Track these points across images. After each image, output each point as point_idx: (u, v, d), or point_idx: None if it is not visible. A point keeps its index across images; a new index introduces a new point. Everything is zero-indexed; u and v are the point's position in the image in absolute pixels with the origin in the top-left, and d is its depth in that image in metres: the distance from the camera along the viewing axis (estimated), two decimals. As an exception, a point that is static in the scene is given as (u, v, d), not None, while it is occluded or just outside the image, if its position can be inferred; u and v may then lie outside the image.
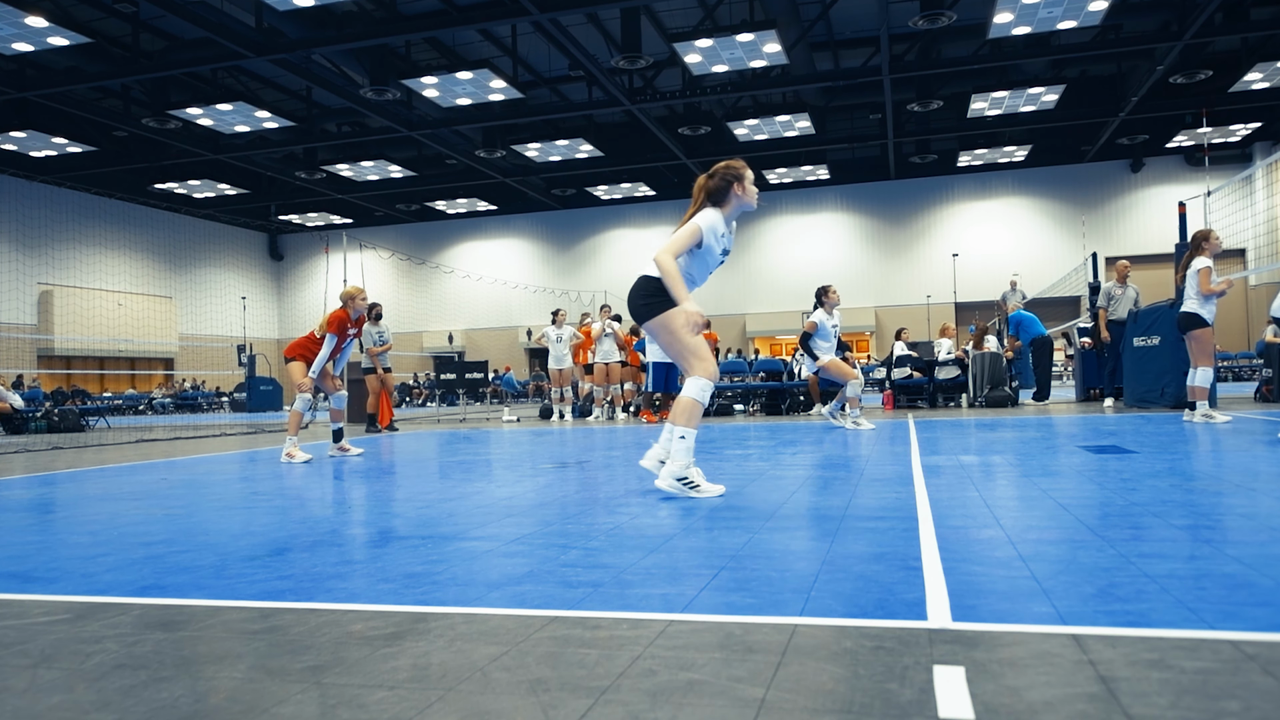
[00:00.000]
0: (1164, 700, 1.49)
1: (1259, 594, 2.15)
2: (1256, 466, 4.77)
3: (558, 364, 14.08)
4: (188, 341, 32.35)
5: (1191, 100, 22.08)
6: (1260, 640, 1.79)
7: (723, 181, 4.40)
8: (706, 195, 4.42)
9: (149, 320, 30.52)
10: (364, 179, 27.99)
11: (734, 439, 8.48)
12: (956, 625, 1.95)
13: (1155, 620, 1.95)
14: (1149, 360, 11.09)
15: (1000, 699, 1.51)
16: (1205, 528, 3.04)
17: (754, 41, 16.89)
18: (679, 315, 4.23)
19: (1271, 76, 20.46)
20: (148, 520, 4.10)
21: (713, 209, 4.39)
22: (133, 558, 3.15)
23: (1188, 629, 1.88)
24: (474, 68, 18.48)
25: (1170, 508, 3.47)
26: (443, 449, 8.53)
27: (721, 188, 4.40)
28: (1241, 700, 1.48)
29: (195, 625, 2.21)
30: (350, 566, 2.88)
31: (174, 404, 29.03)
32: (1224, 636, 1.82)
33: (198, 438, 11.98)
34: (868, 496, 4.08)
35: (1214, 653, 1.73)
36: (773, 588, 2.36)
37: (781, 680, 1.64)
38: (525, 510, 4.02)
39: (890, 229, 30.89)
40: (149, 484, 5.89)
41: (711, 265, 4.51)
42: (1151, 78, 19.87)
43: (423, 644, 1.97)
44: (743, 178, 4.43)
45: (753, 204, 4.52)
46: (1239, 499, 3.70)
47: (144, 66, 18.14)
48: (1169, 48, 18.26)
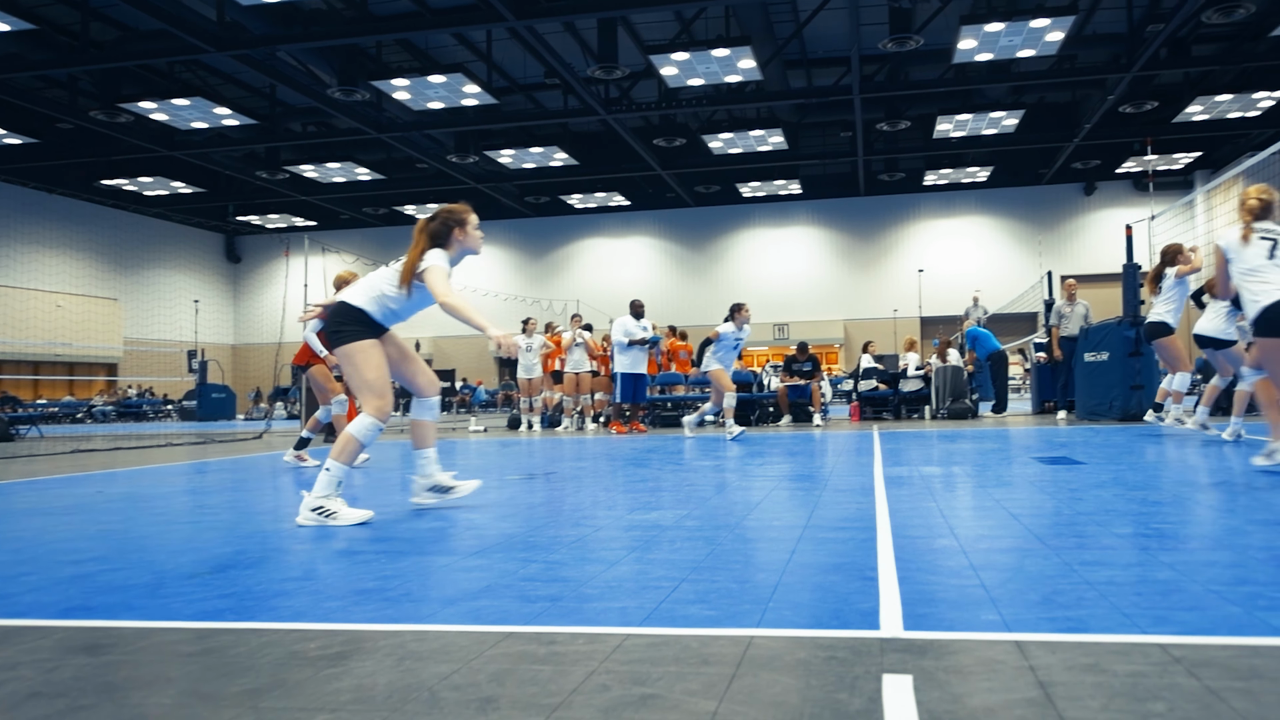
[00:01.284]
0: (1096, 703, 1.56)
1: (1189, 599, 2.26)
2: (1194, 477, 4.93)
3: (527, 373, 14.04)
4: (134, 346, 30.70)
5: (1139, 129, 23.08)
6: (1187, 643, 1.89)
7: (442, 226, 4.32)
8: (428, 237, 4.29)
9: (91, 323, 28.80)
10: (329, 181, 27.43)
11: (703, 450, 8.53)
12: (908, 634, 2.02)
13: (1093, 626, 2.04)
14: (1099, 375, 11.43)
15: (944, 706, 1.57)
16: (1144, 535, 3.17)
17: (729, 57, 17.04)
18: (367, 350, 4.17)
19: (1211, 109, 21.63)
20: (78, 536, 3.86)
21: (439, 250, 4.26)
22: (58, 577, 2.96)
23: (1122, 634, 1.97)
24: (447, 71, 18.31)
25: (1113, 517, 3.60)
26: (405, 460, 8.45)
27: (442, 231, 4.32)
28: (1167, 701, 1.56)
29: (123, 649, 2.08)
30: (297, 583, 2.78)
31: (116, 412, 27.55)
32: (1154, 640, 1.91)
33: (141, 448, 11.36)
34: (830, 507, 4.15)
35: (1145, 656, 1.81)
36: (731, 599, 2.40)
37: (735, 692, 1.67)
38: (487, 523, 4.00)
39: (859, 244, 31.32)
40: (83, 497, 5.58)
41: (421, 306, 4.38)
42: (1103, 106, 20.76)
43: (369, 664, 1.91)
44: (464, 222, 4.35)
45: (477, 249, 4.43)
46: (1176, 508, 3.85)
47: (94, 57, 17.39)
48: (1119, 78, 19.10)
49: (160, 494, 5.78)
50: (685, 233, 32.54)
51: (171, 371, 29.93)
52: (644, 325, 12.49)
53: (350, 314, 4.21)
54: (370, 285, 4.27)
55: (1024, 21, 15.58)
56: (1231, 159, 24.74)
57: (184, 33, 15.88)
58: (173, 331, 31.30)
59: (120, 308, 30.96)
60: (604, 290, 31.15)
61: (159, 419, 27.76)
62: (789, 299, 31.34)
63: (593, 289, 31.60)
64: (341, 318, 4.23)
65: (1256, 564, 2.66)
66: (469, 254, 4.45)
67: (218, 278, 35.88)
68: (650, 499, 4.70)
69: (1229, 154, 25.41)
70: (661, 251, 32.89)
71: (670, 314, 29.79)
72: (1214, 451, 6.46)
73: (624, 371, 12.28)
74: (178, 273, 33.36)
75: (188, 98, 19.58)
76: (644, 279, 32.08)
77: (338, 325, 4.23)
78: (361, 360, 4.17)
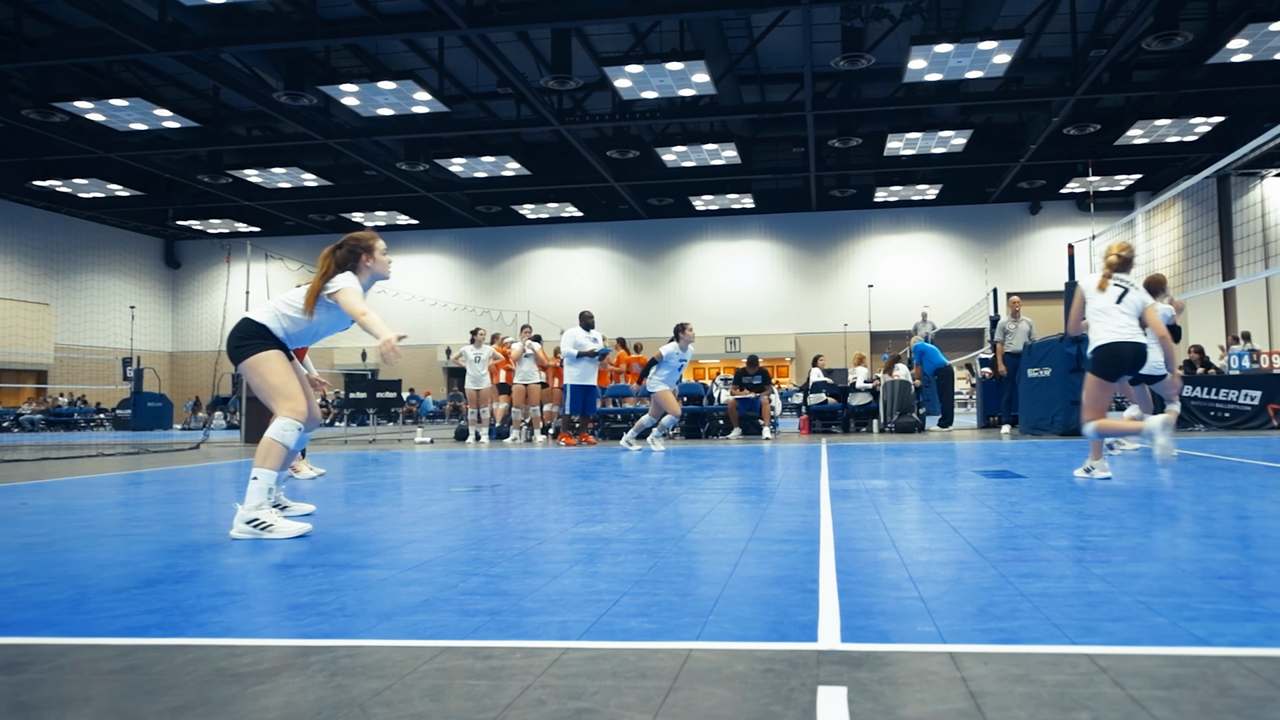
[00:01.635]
0: (1024, 713, 1.58)
1: (1117, 610, 2.31)
2: (1131, 491, 5.04)
3: (475, 384, 13.95)
4: (65, 353, 29.52)
5: (1082, 151, 23.72)
6: (1113, 654, 1.93)
7: (349, 253, 4.39)
8: (335, 264, 4.36)
9: (19, 328, 27.62)
10: (274, 186, 26.83)
11: (651, 463, 8.53)
12: (844, 646, 2.03)
13: (1025, 637, 2.07)
14: (1041, 390, 11.67)
15: (876, 717, 1.59)
16: (1077, 548, 3.24)
17: (683, 71, 17.14)
18: (270, 359, 4.23)
19: (1150, 133, 22.33)
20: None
21: (350, 274, 4.33)
22: None
23: (1053, 645, 2.01)
24: (397, 78, 18.05)
25: (1050, 530, 3.67)
26: (349, 471, 8.31)
27: (349, 258, 4.38)
28: (1092, 710, 1.59)
29: (40, 667, 2.01)
30: (228, 598, 2.72)
31: (45, 421, 26.62)
32: (1083, 651, 1.95)
33: (70, 458, 11.00)
34: (775, 520, 4.17)
35: (1073, 666, 1.85)
36: (672, 613, 2.39)
37: (671, 706, 1.67)
38: (428, 536, 3.94)
39: (811, 259, 31.67)
40: (5, 510, 5.40)
41: (323, 332, 4.47)
42: (1048, 128, 21.33)
43: (299, 680, 1.87)
44: (371, 249, 4.43)
45: (386, 274, 4.51)
46: (1109, 521, 3.94)
47: (26, 54, 16.93)
48: (1063, 101, 19.68)
49: (89, 506, 5.59)
50: (638, 245, 32.62)
51: (105, 379, 28.81)
52: (594, 337, 12.46)
53: (253, 329, 4.27)
54: (274, 304, 4.36)
55: (972, 43, 15.91)
56: (1170, 181, 25.61)
57: (124, 31, 15.51)
58: (107, 338, 30.21)
59: (52, 313, 29.97)
60: (555, 301, 31.08)
61: (91, 428, 26.93)
62: (741, 312, 31.57)
63: (544, 300, 31.50)
64: (243, 333, 4.28)
65: (1184, 576, 2.72)
66: (379, 279, 4.52)
67: (156, 283, 34.91)
68: (596, 512, 4.69)
69: (1168, 176, 26.24)
70: (613, 263, 32.93)
71: (622, 326, 29.80)
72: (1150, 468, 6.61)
73: (573, 383, 12.23)
74: (113, 278, 32.36)
75: (126, 98, 18.98)
76: (596, 291, 32.07)
77: (240, 340, 4.26)
78: (265, 368, 4.23)
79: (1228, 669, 1.80)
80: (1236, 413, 12.14)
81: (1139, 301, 5.68)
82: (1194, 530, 3.69)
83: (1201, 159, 23.49)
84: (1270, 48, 16.63)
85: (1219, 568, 2.82)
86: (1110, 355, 5.59)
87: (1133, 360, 5.62)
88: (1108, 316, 5.64)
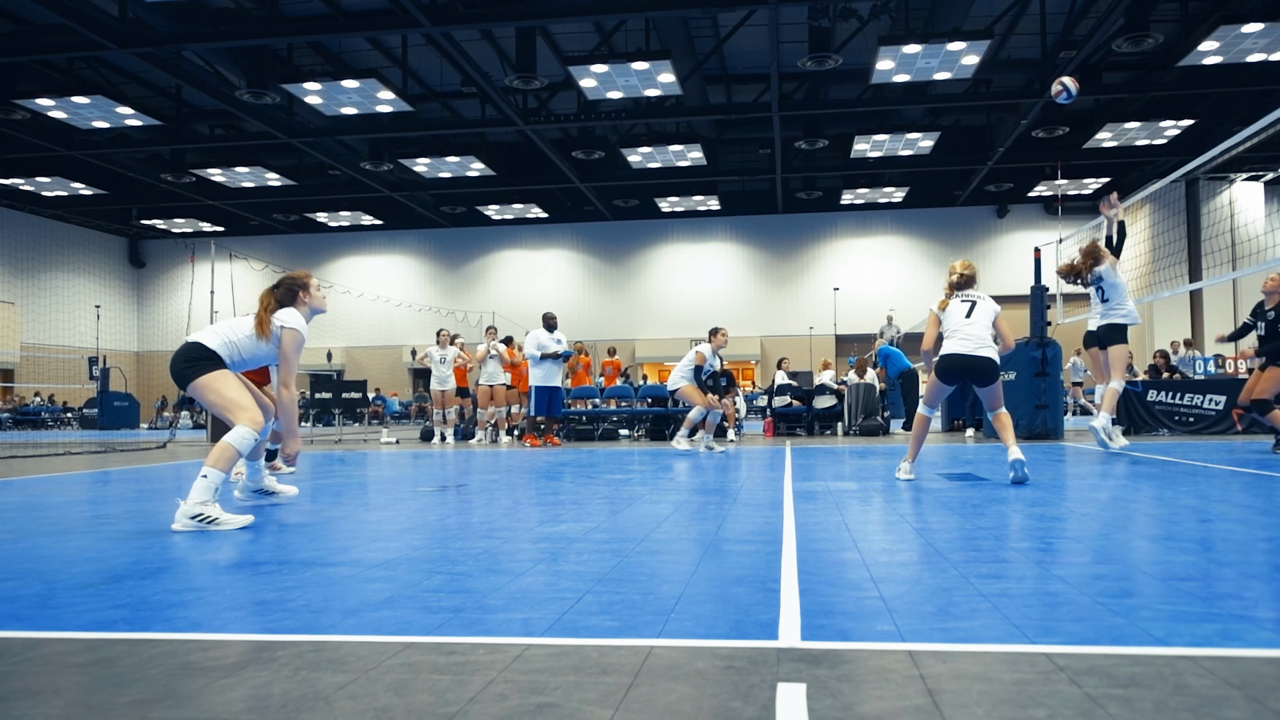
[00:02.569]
0: (981, 710, 1.60)
1: (1076, 610, 2.33)
2: (1093, 494, 5.12)
3: (441, 385, 13.88)
4: (31, 352, 29.60)
5: (1051, 154, 23.83)
6: (1070, 653, 1.95)
7: (287, 291, 4.85)
8: (276, 302, 4.79)
9: None
10: (238, 185, 26.66)
11: (616, 464, 8.53)
12: (804, 644, 2.04)
13: (984, 636, 2.10)
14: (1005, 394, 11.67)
15: (835, 713, 1.60)
16: (1038, 550, 3.27)
17: (649, 71, 17.16)
18: (221, 376, 4.54)
19: (1119, 136, 22.50)
20: None
21: (295, 313, 4.79)
22: None
23: (1010, 643, 2.03)
24: (361, 76, 17.95)
25: (1010, 532, 3.72)
26: (315, 471, 8.26)
27: (287, 297, 4.84)
28: (1048, 708, 1.61)
29: (9, 660, 2.04)
30: (195, 594, 2.75)
31: (13, 419, 26.60)
32: (1041, 650, 1.97)
33: (38, 456, 11.07)
34: (738, 521, 4.19)
35: (1031, 665, 1.87)
36: (634, 610, 2.40)
37: (631, 701, 1.68)
38: (393, 535, 3.96)
39: (776, 261, 31.75)
40: None
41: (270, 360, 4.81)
42: (1016, 130, 21.34)
43: (265, 674, 1.89)
44: (307, 286, 4.92)
45: (323, 308, 5.03)
46: (1071, 524, 3.99)
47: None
48: (1032, 103, 19.65)
49: (56, 503, 5.60)
50: (603, 246, 32.59)
51: (72, 379, 28.78)
52: (557, 338, 12.45)
53: (201, 352, 4.55)
54: (224, 330, 4.66)
55: (941, 44, 15.91)
56: (1139, 185, 25.52)
57: (84, 28, 15.33)
58: (73, 338, 29.92)
59: (17, 312, 29.79)
60: (520, 303, 30.97)
61: (58, 427, 26.82)
62: (706, 315, 31.50)
63: (509, 301, 31.39)
64: (190, 355, 4.55)
65: (1143, 577, 2.76)
66: (317, 313, 4.98)
67: (120, 283, 34.59)
68: (560, 512, 4.68)
69: (1136, 180, 26.18)
70: (579, 265, 32.88)
71: (587, 328, 29.79)
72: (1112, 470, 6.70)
73: (538, 384, 12.20)
74: (78, 277, 32.08)
75: (88, 95, 18.83)
76: (561, 292, 32.02)
77: (187, 362, 4.53)
78: (219, 384, 4.52)
79: (1184, 668, 1.83)
80: (1201, 417, 12.27)
81: (990, 311, 6.08)
82: (1155, 533, 3.73)
83: (1170, 162, 23.55)
84: (1241, 50, 16.68)
85: (1179, 570, 2.86)
86: (950, 365, 6.01)
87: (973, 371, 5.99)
88: (958, 333, 6.02)
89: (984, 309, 6.06)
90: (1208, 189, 25.57)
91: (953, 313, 6.10)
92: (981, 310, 6.05)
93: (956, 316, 6.06)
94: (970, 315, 6.02)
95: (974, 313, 6.03)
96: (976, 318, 6.01)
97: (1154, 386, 12.63)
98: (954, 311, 6.10)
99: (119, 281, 34.53)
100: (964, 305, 6.08)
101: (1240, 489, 5.40)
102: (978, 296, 6.14)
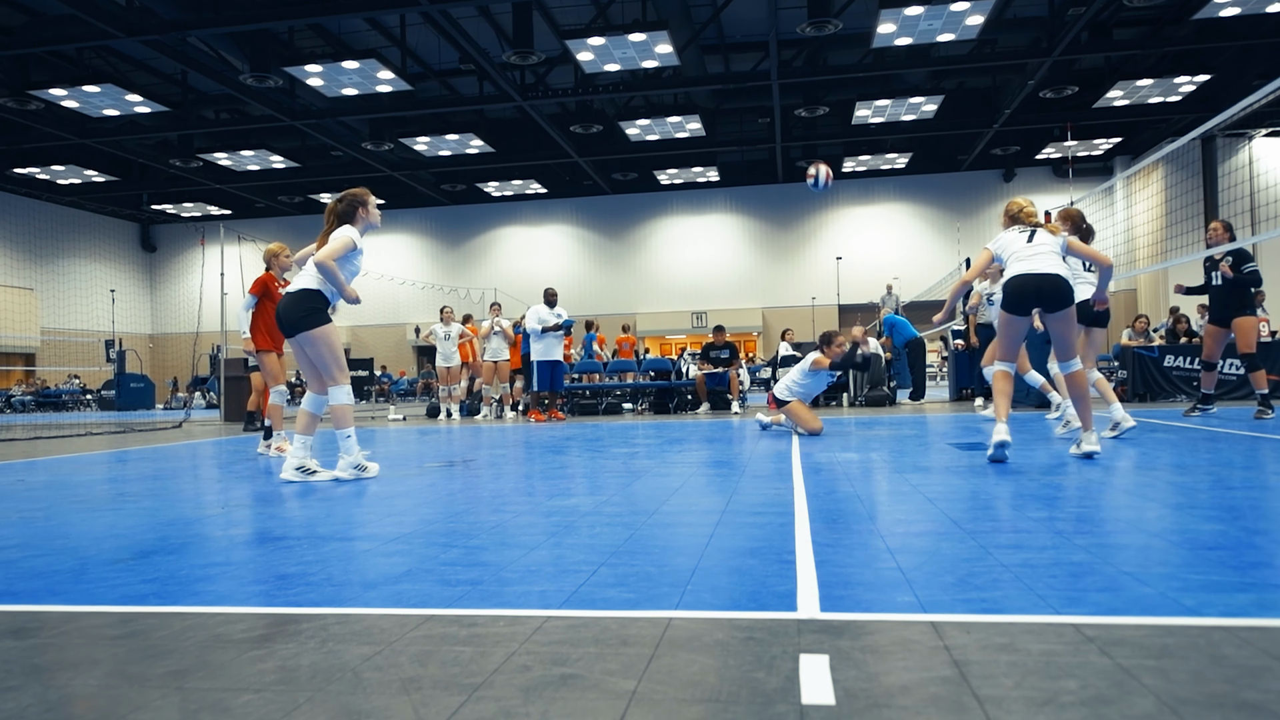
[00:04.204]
0: (1010, 681, 1.58)
1: (1101, 580, 2.30)
2: (1112, 462, 5.08)
3: (446, 361, 13.92)
4: (51, 336, 30.43)
5: (1059, 114, 23.18)
6: (1099, 623, 1.92)
7: (349, 206, 5.28)
8: (337, 217, 5.25)
9: (7, 313, 28.52)
10: (244, 169, 26.87)
11: (621, 437, 8.52)
12: (824, 615, 2.02)
13: (1007, 607, 2.07)
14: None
15: (860, 684, 1.58)
16: (1059, 519, 3.22)
17: (646, 42, 17.00)
18: (335, 331, 5.15)
19: (1132, 94, 21.70)
20: (0, 524, 3.87)
21: (349, 225, 5.22)
22: None
23: (1036, 614, 2.00)
24: (360, 57, 17.98)
25: (1028, 501, 3.67)
26: (325, 448, 8.28)
27: (349, 210, 5.27)
28: (1079, 679, 1.58)
29: (48, 632, 2.10)
30: (220, 569, 2.79)
31: (35, 402, 27.42)
32: (1068, 620, 1.94)
33: (61, 437, 11.39)
34: (748, 493, 4.17)
35: (1058, 636, 1.84)
36: (650, 582, 2.39)
37: (654, 672, 1.67)
38: (407, 510, 3.96)
39: (777, 232, 31.54)
40: (3, 486, 5.56)
41: (352, 275, 5.27)
42: (1023, 92, 20.85)
43: (292, 646, 1.92)
44: (366, 203, 5.32)
45: (377, 223, 5.43)
46: (1091, 492, 3.95)
47: (1, 43, 17.02)
48: (1039, 63, 19.18)
49: (81, 482, 5.72)
50: (603, 220, 32.45)
51: (90, 361, 29.54)
52: (557, 313, 12.46)
53: (318, 299, 5.06)
54: (311, 273, 5.16)
55: (944, 5, 15.55)
56: (1152, 144, 24.86)
57: (92, 17, 15.59)
58: (90, 321, 30.68)
59: (36, 298, 30.49)
60: (522, 278, 30.91)
61: (78, 409, 27.41)
62: (707, 287, 31.52)
63: (511, 277, 31.34)
64: (310, 301, 5.05)
65: (1170, 547, 2.70)
66: (371, 228, 5.38)
67: (133, 267, 35.09)
68: (569, 485, 4.68)
69: (1149, 139, 25.45)
70: (579, 240, 32.76)
71: (589, 303, 29.77)
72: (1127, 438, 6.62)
73: (539, 359, 12.22)
74: (93, 262, 32.63)
75: (98, 84, 19.26)
76: (562, 267, 31.94)
77: (308, 309, 5.04)
78: (334, 339, 5.11)
79: (1220, 639, 1.79)
80: (1220, 382, 11.97)
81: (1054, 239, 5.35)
82: (1179, 501, 3.63)
83: (1185, 120, 22.82)
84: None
85: (1207, 539, 2.78)
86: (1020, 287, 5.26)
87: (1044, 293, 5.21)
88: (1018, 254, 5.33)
89: (1047, 236, 5.33)
90: (1226, 147, 24.53)
91: (1010, 241, 5.39)
92: (1044, 236, 5.32)
93: (1016, 243, 5.35)
94: (1031, 240, 5.30)
95: (1035, 238, 5.31)
96: (1040, 241, 5.29)
97: (1171, 351, 12.41)
98: (1011, 240, 5.39)
99: (132, 266, 35.01)
100: (1022, 234, 5.37)
101: (1267, 455, 5.28)
102: (1037, 224, 5.44)
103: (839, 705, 1.49)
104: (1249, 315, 8.50)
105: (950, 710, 1.46)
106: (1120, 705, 1.46)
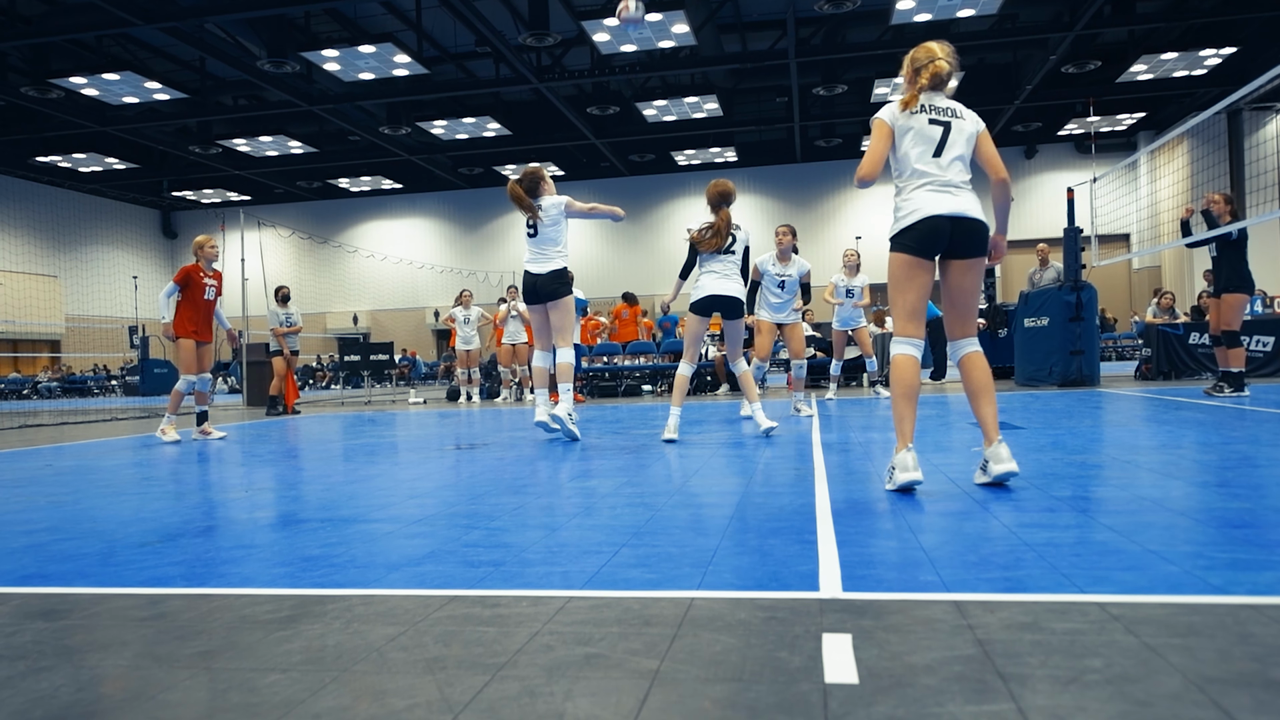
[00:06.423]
0: (1034, 660, 1.57)
1: (1127, 559, 2.28)
2: (1133, 441, 5.03)
3: (465, 344, 13.97)
4: (75, 323, 30.74)
5: (1082, 89, 22.83)
6: (1125, 602, 1.90)
7: (533, 182, 6.09)
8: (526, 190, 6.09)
9: (32, 300, 28.90)
10: (262, 154, 26.98)
11: (641, 419, 8.53)
12: (846, 595, 2.02)
13: (1031, 586, 2.05)
14: (1038, 340, 11.49)
15: (883, 663, 1.58)
16: (1082, 498, 3.20)
17: (662, 22, 16.89)
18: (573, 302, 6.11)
19: (1156, 68, 21.31)
20: (30, 508, 3.93)
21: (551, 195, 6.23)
22: (12, 547, 3.04)
23: (1060, 593, 1.99)
24: (377, 41, 17.99)
25: (1051, 480, 3.65)
26: (347, 431, 8.36)
27: (534, 186, 6.09)
28: (1104, 658, 1.57)
29: (79, 614, 2.14)
30: (245, 551, 2.82)
31: (61, 388, 27.75)
32: (1092, 599, 1.93)
33: (87, 422, 11.55)
34: (769, 473, 4.16)
35: (1083, 615, 1.83)
36: (672, 563, 2.40)
37: (676, 651, 1.68)
38: (429, 492, 3.99)
39: (797, 211, 31.31)
40: (32, 470, 5.64)
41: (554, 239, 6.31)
42: (1045, 67, 20.48)
43: (318, 626, 1.95)
44: (545, 177, 6.14)
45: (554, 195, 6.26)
46: (1115, 471, 3.90)
47: (21, 31, 17.12)
48: (1061, 38, 18.86)
49: (107, 466, 5.79)
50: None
51: (114, 348, 29.99)
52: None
53: (569, 275, 6.10)
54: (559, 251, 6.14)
55: (964, -20, 15.23)
56: (1176, 119, 24.42)
57: (111, 5, 15.64)
58: (113, 308, 31.02)
59: (60, 285, 30.74)
60: (543, 261, 30.82)
61: (103, 394, 27.78)
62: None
63: (530, 260, 31.28)
64: (566, 277, 6.08)
65: (1195, 525, 2.68)
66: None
67: (155, 254, 35.29)
68: (590, 466, 4.69)
69: (1174, 114, 25.06)
70: (598, 221, 32.66)
71: (607, 285, 29.69)
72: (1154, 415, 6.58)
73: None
74: (115, 249, 32.87)
75: (118, 72, 19.34)
76: (580, 249, 31.87)
77: (562, 282, 6.03)
78: (573, 309, 6.09)
79: (1248, 617, 1.77)
80: (1249, 359, 11.70)
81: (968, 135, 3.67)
82: (1204, 479, 3.59)
83: (1211, 94, 22.31)
84: (1291, -32, 15.49)
85: (1233, 517, 2.75)
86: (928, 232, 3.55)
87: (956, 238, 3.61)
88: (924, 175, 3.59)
89: (960, 134, 3.61)
90: (1252, 120, 24.04)
91: (913, 139, 3.55)
92: (957, 139, 3.59)
93: (918, 147, 3.55)
94: (941, 152, 3.56)
95: (946, 145, 3.57)
96: (951, 150, 3.57)
97: (1196, 329, 12.21)
98: (915, 138, 3.55)
99: (154, 253, 35.24)
100: (932, 130, 3.55)
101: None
102: (952, 115, 3.62)
103: (862, 684, 1.49)
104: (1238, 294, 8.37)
105: (974, 689, 1.45)
106: (1146, 684, 1.45)
